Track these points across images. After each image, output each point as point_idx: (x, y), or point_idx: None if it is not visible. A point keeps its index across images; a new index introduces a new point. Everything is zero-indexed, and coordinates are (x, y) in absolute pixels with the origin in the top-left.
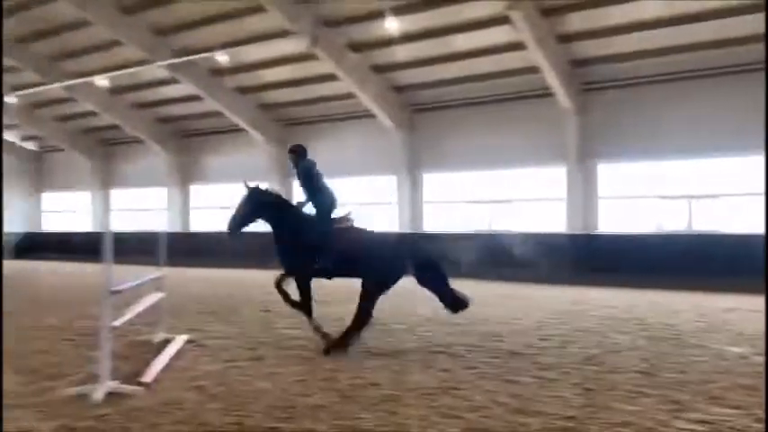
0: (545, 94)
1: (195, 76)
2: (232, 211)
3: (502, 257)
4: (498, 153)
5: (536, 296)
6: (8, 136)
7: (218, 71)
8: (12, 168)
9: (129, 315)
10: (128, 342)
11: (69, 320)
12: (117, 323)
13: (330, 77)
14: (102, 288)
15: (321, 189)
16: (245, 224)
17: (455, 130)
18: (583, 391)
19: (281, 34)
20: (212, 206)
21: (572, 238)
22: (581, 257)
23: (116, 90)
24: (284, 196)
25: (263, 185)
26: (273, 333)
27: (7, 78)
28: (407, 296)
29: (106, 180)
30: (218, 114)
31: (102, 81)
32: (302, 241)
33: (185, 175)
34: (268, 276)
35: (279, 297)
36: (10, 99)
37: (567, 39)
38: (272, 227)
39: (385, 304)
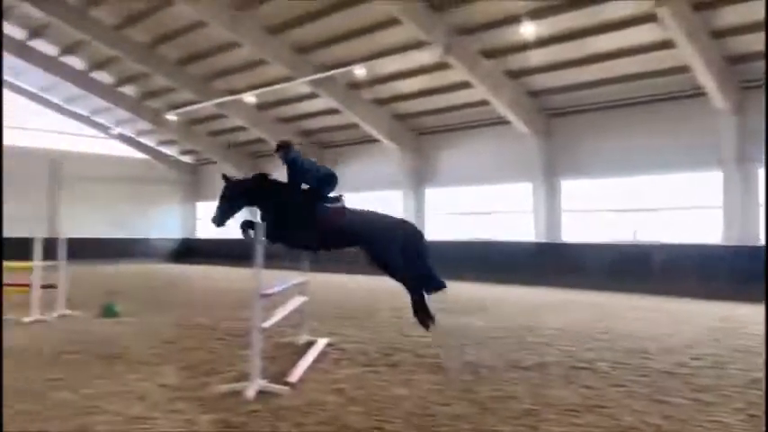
0: (696, 93)
1: (334, 90)
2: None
3: (643, 268)
4: (643, 157)
5: (680, 311)
6: (169, 150)
7: (356, 84)
8: (172, 180)
9: (276, 317)
10: (274, 343)
11: (218, 321)
12: (266, 324)
13: (463, 85)
14: (254, 291)
15: (317, 168)
16: (229, 215)
17: (594, 135)
18: (748, 417)
19: (416, 45)
20: None
21: (729, 249)
22: (736, 269)
23: (262, 106)
24: (415, 203)
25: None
26: (408, 339)
27: (166, 98)
28: (539, 311)
29: None
30: (354, 126)
31: (249, 98)
32: (293, 213)
33: None
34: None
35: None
36: (170, 116)
37: (721, 34)
38: (260, 207)
39: (519, 318)
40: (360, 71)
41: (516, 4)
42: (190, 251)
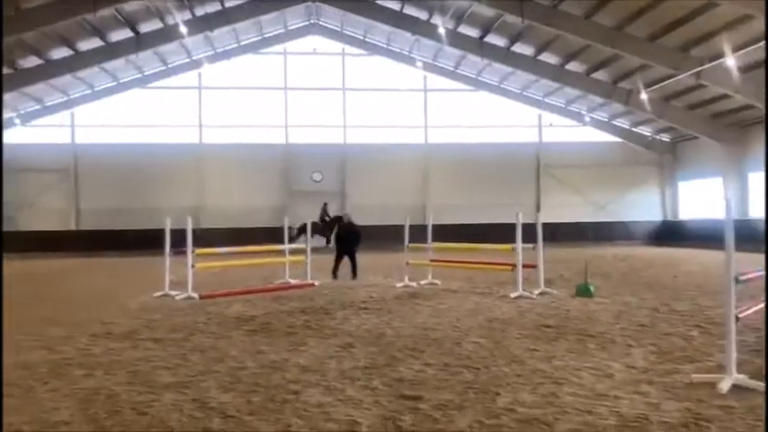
0: None
1: None
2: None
3: None
4: None
5: None
6: (644, 130)
7: None
8: (648, 160)
9: (756, 306)
10: (761, 335)
11: (700, 307)
12: (745, 314)
13: None
14: (725, 275)
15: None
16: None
17: None
18: None
19: None
20: None
21: None
22: None
23: (747, 68)
24: None
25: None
26: None
27: (640, 76)
28: None
29: (741, 163)
30: None
31: (730, 61)
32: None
33: None
34: None
35: None
36: (644, 95)
37: None
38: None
39: None
40: None
41: None
42: (671, 233)
